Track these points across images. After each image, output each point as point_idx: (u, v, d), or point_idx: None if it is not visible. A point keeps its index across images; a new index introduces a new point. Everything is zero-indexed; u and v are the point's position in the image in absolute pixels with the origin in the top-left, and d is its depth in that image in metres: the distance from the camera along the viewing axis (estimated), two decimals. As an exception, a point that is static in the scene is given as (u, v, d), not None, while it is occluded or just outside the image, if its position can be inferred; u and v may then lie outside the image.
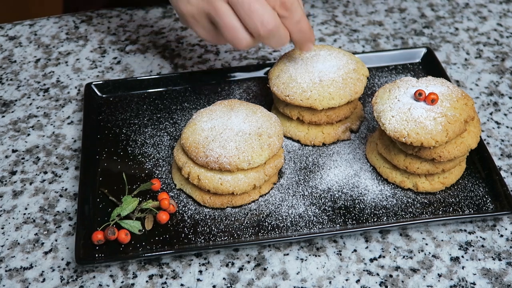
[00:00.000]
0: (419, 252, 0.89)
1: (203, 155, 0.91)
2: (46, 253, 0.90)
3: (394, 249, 0.89)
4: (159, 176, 0.98)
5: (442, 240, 0.90)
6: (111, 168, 0.99)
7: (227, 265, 0.88)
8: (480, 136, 0.95)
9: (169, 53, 1.24)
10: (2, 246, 0.91)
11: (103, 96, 1.12)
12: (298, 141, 1.04)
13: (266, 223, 0.92)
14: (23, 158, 1.03)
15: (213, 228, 0.91)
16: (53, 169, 1.01)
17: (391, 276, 0.86)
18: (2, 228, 0.93)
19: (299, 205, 0.94)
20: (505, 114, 1.10)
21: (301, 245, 0.90)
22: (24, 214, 0.95)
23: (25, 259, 0.89)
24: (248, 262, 0.88)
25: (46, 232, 0.92)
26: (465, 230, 0.92)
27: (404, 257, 0.88)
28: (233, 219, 0.92)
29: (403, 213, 0.92)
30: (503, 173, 0.99)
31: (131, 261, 0.88)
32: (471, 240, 0.90)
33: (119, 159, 1.01)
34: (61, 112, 1.12)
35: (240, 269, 0.88)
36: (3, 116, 1.11)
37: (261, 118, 0.95)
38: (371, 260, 0.88)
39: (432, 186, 0.95)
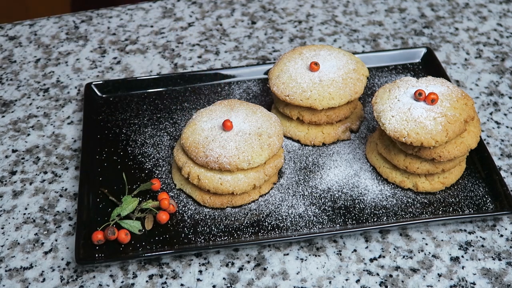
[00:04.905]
0: (419, 252, 0.89)
1: (203, 155, 0.91)
2: (46, 253, 0.90)
3: (394, 249, 0.89)
4: (159, 176, 0.98)
5: (442, 240, 0.90)
6: (111, 168, 0.99)
7: (227, 265, 0.88)
8: (480, 136, 0.95)
9: (169, 53, 1.24)
10: (2, 246, 0.91)
11: (103, 96, 1.12)
12: (298, 141, 1.04)
13: (266, 223, 0.92)
14: (23, 158, 1.03)
15: (213, 228, 0.91)
16: (53, 169, 1.01)
17: (391, 276, 0.86)
18: (2, 228, 0.93)
19: (299, 205, 0.94)
20: (505, 114, 1.10)
21: (301, 245, 0.90)
22: (24, 214, 0.95)
23: (25, 259, 0.89)
24: (248, 262, 0.88)
25: (46, 232, 0.92)
26: (465, 230, 0.92)
27: (404, 257, 0.88)
28: (233, 219, 0.92)
29: (403, 213, 0.92)
30: (503, 173, 0.99)
31: (131, 261, 0.88)
32: (471, 240, 0.90)
33: (119, 159, 1.01)
34: (61, 112, 1.12)
35: (240, 269, 0.88)
36: (3, 116, 1.11)
37: (261, 118, 0.95)
38: (371, 260, 0.88)
39: (432, 186, 0.95)
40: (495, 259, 0.88)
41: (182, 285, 0.86)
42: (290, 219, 0.92)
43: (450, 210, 0.93)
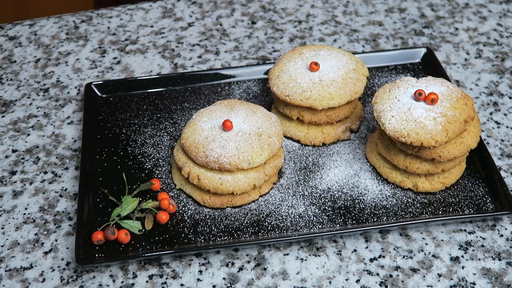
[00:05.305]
0: (419, 252, 0.89)
1: (203, 155, 0.91)
2: (46, 253, 0.90)
3: (394, 249, 0.89)
4: (159, 176, 0.98)
5: (442, 240, 0.90)
6: (111, 168, 0.99)
7: (227, 265, 0.88)
8: (480, 136, 0.95)
9: (169, 53, 1.24)
10: (2, 246, 0.91)
11: (103, 96, 1.12)
12: (298, 141, 1.04)
13: (266, 223, 0.92)
14: (23, 158, 1.03)
15: (213, 228, 0.91)
16: (53, 169, 1.01)
17: (391, 276, 0.86)
18: (2, 228, 0.93)
19: (299, 205, 0.94)
20: (505, 114, 1.10)
21: (301, 245, 0.90)
22: (24, 214, 0.95)
23: (25, 259, 0.89)
24: (248, 262, 0.88)
25: (46, 232, 0.92)
26: (465, 230, 0.92)
27: (404, 257, 0.88)
28: (233, 219, 0.92)
29: (403, 213, 0.92)
30: (503, 173, 0.99)
31: (131, 261, 0.88)
32: (471, 240, 0.90)
33: (119, 159, 1.01)
34: (61, 112, 1.12)
35: (240, 269, 0.88)
36: (3, 116, 1.11)
37: (261, 118, 0.95)
38: (371, 260, 0.88)
39: (432, 186, 0.95)
40: (495, 259, 0.88)
41: (182, 285, 0.86)
42: (290, 219, 0.92)
43: (450, 210, 0.93)
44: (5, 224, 0.94)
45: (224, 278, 0.86)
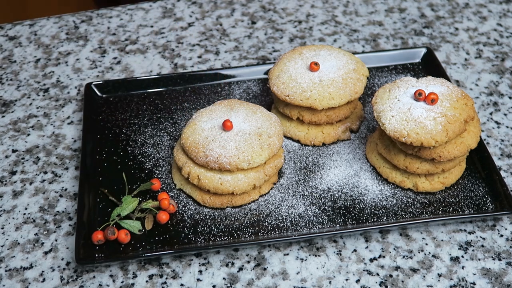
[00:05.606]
0: (419, 252, 0.89)
1: (203, 155, 0.91)
2: (46, 253, 0.90)
3: (394, 249, 0.89)
4: (159, 176, 0.98)
5: (442, 240, 0.90)
6: (111, 168, 0.99)
7: (227, 265, 0.88)
8: (480, 136, 0.95)
9: (169, 53, 1.24)
10: (2, 246, 0.91)
11: (103, 96, 1.12)
12: (298, 141, 1.04)
13: (266, 223, 0.92)
14: (23, 158, 1.03)
15: (213, 228, 0.91)
16: (53, 169, 1.01)
17: (391, 276, 0.86)
18: (2, 228, 0.93)
19: (299, 205, 0.94)
20: (505, 114, 1.10)
21: (301, 245, 0.90)
22: (24, 214, 0.95)
23: (25, 259, 0.89)
24: (248, 262, 0.88)
25: (46, 232, 0.92)
26: (465, 230, 0.92)
27: (404, 257, 0.88)
28: (233, 219, 0.92)
29: (403, 213, 0.92)
30: (503, 173, 0.99)
31: (131, 261, 0.88)
32: (471, 240, 0.90)
33: (119, 159, 1.01)
34: (61, 112, 1.12)
35: (240, 269, 0.88)
36: (3, 116, 1.11)
37: (261, 118, 0.95)
38: (371, 260, 0.88)
39: (432, 186, 0.95)
40: (495, 259, 0.88)
41: (182, 285, 0.86)
42: (290, 219, 0.92)
43: (450, 210, 0.93)
44: (5, 224, 0.94)
45: (224, 278, 0.86)
